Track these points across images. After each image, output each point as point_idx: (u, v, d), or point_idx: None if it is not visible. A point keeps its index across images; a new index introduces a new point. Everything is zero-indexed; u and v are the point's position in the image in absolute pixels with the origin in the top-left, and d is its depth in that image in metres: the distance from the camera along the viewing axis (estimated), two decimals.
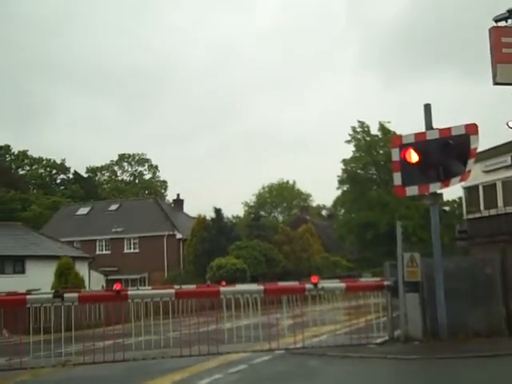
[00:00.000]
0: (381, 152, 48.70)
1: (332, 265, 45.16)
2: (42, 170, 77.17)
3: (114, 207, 55.24)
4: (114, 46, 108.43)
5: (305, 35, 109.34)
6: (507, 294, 13.68)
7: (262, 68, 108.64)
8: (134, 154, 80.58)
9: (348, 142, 50.37)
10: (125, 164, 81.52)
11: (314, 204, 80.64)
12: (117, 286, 12.27)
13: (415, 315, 12.74)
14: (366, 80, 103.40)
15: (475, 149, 12.66)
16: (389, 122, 49.50)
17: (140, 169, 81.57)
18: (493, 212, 29.87)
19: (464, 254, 31.05)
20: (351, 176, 50.19)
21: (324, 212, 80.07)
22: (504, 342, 12.65)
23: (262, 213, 69.59)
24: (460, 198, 39.38)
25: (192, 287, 19.37)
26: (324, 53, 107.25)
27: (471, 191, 31.72)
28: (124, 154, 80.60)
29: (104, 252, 50.61)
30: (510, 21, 14.81)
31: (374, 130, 49.95)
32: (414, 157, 12.89)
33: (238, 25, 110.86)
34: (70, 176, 77.12)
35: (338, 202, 57.28)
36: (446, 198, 45.67)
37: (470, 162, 12.66)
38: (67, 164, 77.19)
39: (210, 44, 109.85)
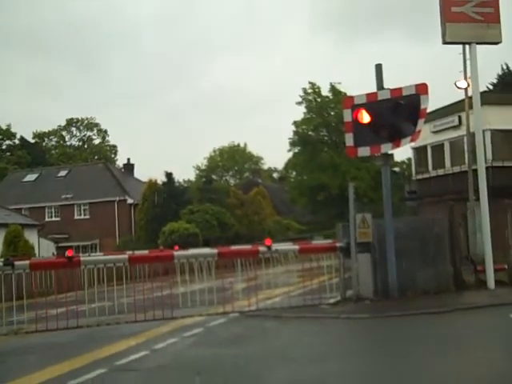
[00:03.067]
0: (332, 113, 48.83)
1: (284, 228, 45.50)
2: None
3: (62, 173, 54.26)
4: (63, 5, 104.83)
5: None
6: (454, 253, 14.05)
7: (214, 29, 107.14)
8: (82, 119, 78.89)
9: (299, 103, 50.35)
10: (73, 129, 79.82)
11: (266, 167, 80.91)
12: (69, 253, 12.09)
13: (366, 275, 12.98)
14: (317, 42, 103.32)
15: (425, 109, 12.80)
16: (339, 83, 49.58)
17: (89, 133, 79.98)
18: (441, 172, 30.50)
19: (413, 213, 31.70)
20: (302, 138, 50.25)
21: (275, 175, 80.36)
22: (451, 298, 13.04)
23: (214, 176, 69.41)
24: (409, 159, 40.01)
25: (145, 252, 19.30)
26: (275, 15, 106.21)
27: (420, 152, 32.27)
28: (72, 119, 78.85)
29: (54, 219, 49.81)
30: None
31: (325, 92, 50.01)
32: (365, 117, 12.96)
33: None
34: (16, 142, 75.14)
35: (289, 164, 57.42)
36: (396, 158, 46.32)
37: (421, 122, 12.81)
38: (13, 129, 75.16)
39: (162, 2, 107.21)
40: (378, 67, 13.40)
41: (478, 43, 14.51)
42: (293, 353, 8.65)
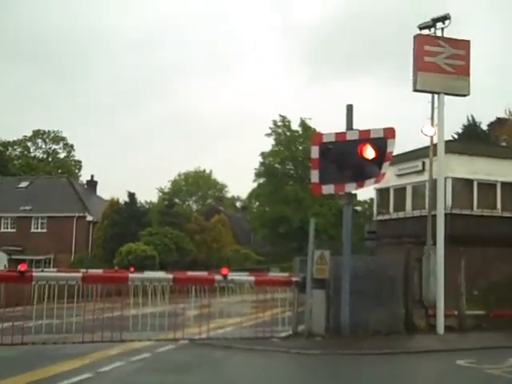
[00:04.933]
0: (300, 148, 49.20)
1: (242, 257, 45.39)
2: None
3: (23, 184, 53.33)
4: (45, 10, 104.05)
5: (233, 25, 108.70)
6: (407, 296, 14.20)
7: (187, 53, 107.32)
8: (49, 131, 77.94)
9: (268, 135, 50.58)
10: (39, 140, 78.74)
11: (229, 195, 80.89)
12: (21, 267, 11.81)
13: (320, 311, 13.00)
14: (291, 76, 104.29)
15: (391, 152, 13.01)
16: (310, 119, 50.03)
17: (54, 146, 78.95)
18: (401, 214, 30.84)
19: (371, 253, 31.93)
20: (268, 170, 50.47)
21: (238, 204, 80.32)
22: (401, 340, 13.16)
23: (177, 200, 69.02)
24: (371, 199, 40.44)
25: (99, 272, 19.03)
26: (254, 44, 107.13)
27: (383, 193, 32.64)
28: (39, 130, 77.76)
29: (9, 230, 48.81)
30: (433, 29, 15.25)
31: (295, 126, 50.44)
32: (332, 156, 13.15)
33: (174, 5, 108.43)
34: None
35: (253, 194, 57.46)
36: (358, 198, 46.75)
37: (386, 164, 13.01)
38: None
39: (139, 22, 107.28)
40: (349, 108, 13.62)
41: (446, 94, 14.91)
42: None
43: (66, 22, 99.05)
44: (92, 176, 57.38)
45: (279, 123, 50.48)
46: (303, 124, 49.94)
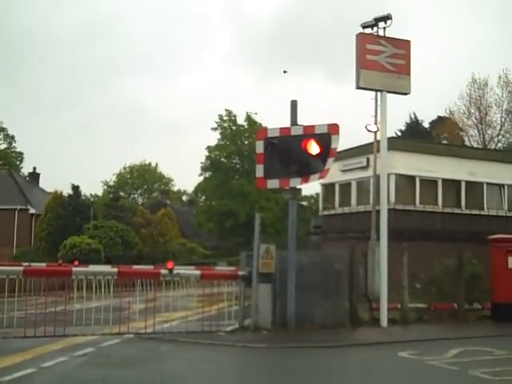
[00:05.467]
0: (246, 142, 49.32)
1: (189, 251, 45.14)
2: None
3: None
4: None
5: (184, 20, 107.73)
6: (352, 289, 14.44)
7: (138, 46, 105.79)
8: None
9: (214, 129, 50.51)
10: None
11: (175, 189, 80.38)
12: None
13: (266, 305, 13.08)
14: (238, 72, 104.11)
15: (335, 148, 13.19)
16: (256, 114, 50.24)
17: None
18: (346, 210, 31.28)
19: (317, 248, 32.27)
20: (214, 164, 50.40)
21: (185, 197, 79.94)
22: (345, 333, 13.39)
23: (122, 193, 68.22)
24: (317, 194, 40.88)
25: (42, 265, 18.69)
26: (201, 39, 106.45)
27: (328, 188, 33.04)
28: None
29: None
30: (376, 28, 15.49)
31: (241, 121, 50.53)
32: (277, 151, 13.23)
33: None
34: None
35: (199, 188, 57.30)
36: (304, 193, 47.24)
37: (330, 160, 13.19)
38: None
39: (86, 12, 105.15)
40: (294, 103, 13.74)
41: (388, 92, 15.22)
42: (185, 379, 8.59)
43: (5, 13, 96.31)
44: (34, 168, 56.06)
45: (225, 117, 50.48)
46: (249, 119, 50.07)
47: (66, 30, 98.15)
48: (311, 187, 46.14)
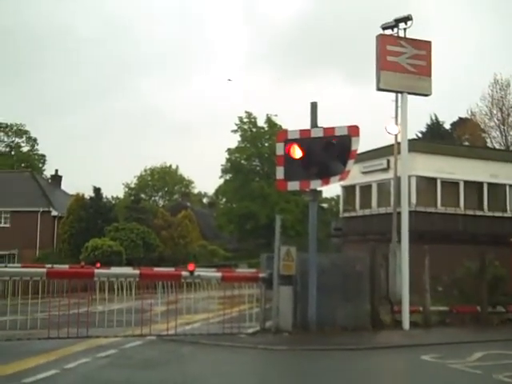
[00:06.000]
0: (266, 144, 49.29)
1: (209, 253, 45.28)
2: None
3: None
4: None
5: (202, 22, 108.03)
6: (374, 292, 14.38)
7: (156, 48, 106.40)
8: (11, 124, 76.58)
9: (234, 131, 50.62)
10: (1, 134, 77.39)
11: (196, 191, 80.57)
12: None
13: (287, 308, 13.08)
14: (259, 73, 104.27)
15: (355, 150, 13.16)
16: (276, 116, 50.25)
17: (17, 140, 77.64)
18: (367, 212, 31.11)
19: (338, 250, 32.14)
20: (235, 166, 50.48)
21: (205, 200, 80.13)
22: (367, 336, 13.33)
23: (143, 196, 68.59)
24: (338, 196, 40.73)
25: (65, 267, 18.85)
26: (219, 41, 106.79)
27: (349, 190, 32.89)
28: (1, 123, 76.52)
29: None
30: (396, 29, 15.43)
31: (261, 123, 50.55)
32: (297, 152, 13.21)
33: (136, 1, 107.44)
34: None
35: (219, 190, 57.41)
36: (325, 195, 47.15)
37: (350, 162, 13.16)
38: None
39: (103, 15, 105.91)
40: (314, 105, 13.73)
41: (409, 93, 15.14)
42: (206, 381, 8.62)
43: (21, 16, 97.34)
44: (56, 171, 56.59)
45: (245, 120, 50.55)
46: (269, 121, 50.10)
47: (86, 31, 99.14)
48: (332, 189, 46.02)
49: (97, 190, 43.04)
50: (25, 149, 77.66)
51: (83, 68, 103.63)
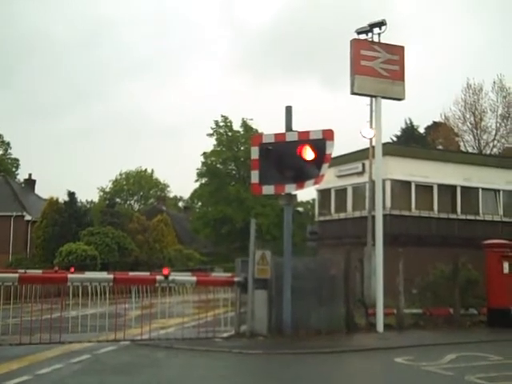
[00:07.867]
0: (242, 148, 49.32)
1: (185, 257, 45.11)
2: None
3: None
4: None
5: (183, 26, 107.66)
6: (348, 295, 14.45)
7: (133, 52, 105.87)
8: None
9: (210, 135, 50.57)
10: None
11: (172, 195, 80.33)
12: None
13: (262, 312, 13.09)
14: (234, 78, 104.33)
15: (330, 154, 13.22)
16: (251, 119, 50.32)
17: None
18: (342, 215, 31.27)
19: (313, 254, 32.22)
20: (210, 170, 50.41)
21: (181, 204, 79.89)
22: (341, 339, 13.38)
23: (118, 200, 68.19)
24: (313, 200, 40.87)
25: (38, 272, 18.64)
26: (200, 44, 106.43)
27: (324, 194, 33.02)
28: None
29: None
30: (370, 34, 15.55)
31: (237, 127, 50.57)
32: (272, 156, 13.27)
33: (115, 5, 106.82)
34: None
35: (195, 194, 57.28)
36: (300, 198, 47.22)
37: (325, 166, 13.21)
38: None
39: (84, 19, 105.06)
40: (288, 109, 13.79)
41: (382, 97, 15.26)
42: None
43: (3, 19, 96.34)
44: (30, 175, 56.01)
45: (221, 123, 50.54)
46: (245, 125, 50.13)
47: (64, 34, 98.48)
48: (307, 193, 46.13)
49: (71, 194, 42.66)
50: None
51: (63, 72, 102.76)
